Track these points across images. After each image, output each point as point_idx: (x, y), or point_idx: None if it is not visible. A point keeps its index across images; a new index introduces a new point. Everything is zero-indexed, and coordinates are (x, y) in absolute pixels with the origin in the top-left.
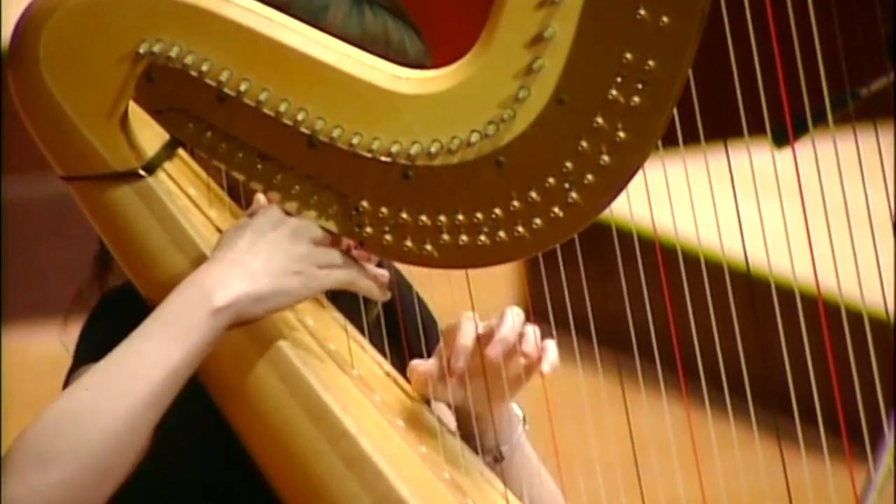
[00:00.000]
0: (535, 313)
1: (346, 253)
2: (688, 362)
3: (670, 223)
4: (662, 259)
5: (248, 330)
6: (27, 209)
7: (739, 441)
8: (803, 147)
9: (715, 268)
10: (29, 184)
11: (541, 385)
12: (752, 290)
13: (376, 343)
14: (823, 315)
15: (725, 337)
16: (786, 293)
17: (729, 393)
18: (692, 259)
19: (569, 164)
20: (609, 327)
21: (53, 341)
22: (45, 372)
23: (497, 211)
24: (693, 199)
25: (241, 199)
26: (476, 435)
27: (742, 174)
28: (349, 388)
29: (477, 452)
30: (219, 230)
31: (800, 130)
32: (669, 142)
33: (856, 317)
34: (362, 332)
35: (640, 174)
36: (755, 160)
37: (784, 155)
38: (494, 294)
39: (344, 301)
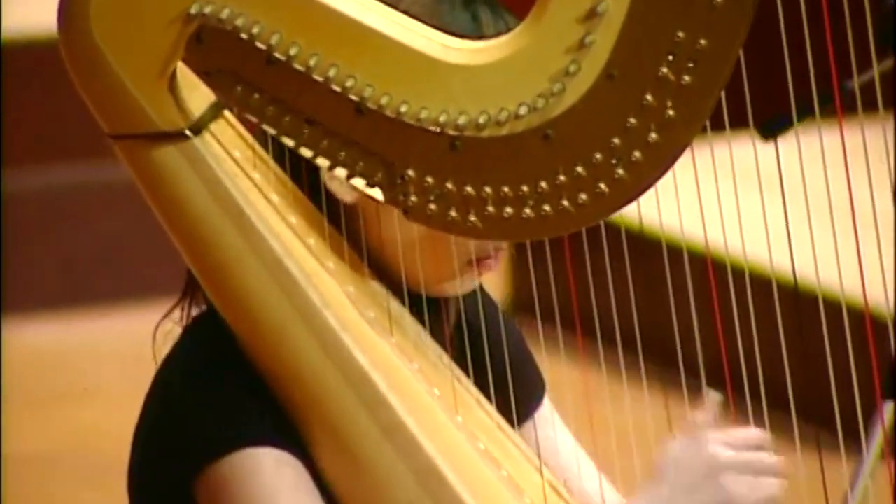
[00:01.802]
0: (518, 305)
1: None
2: (668, 354)
3: (655, 216)
4: (647, 252)
5: (290, 297)
6: (27, 201)
7: None
8: (792, 140)
9: (699, 261)
10: (29, 176)
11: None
12: (749, 286)
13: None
14: (822, 308)
15: (706, 327)
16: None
17: (712, 384)
18: (676, 251)
19: (616, 140)
20: (594, 320)
21: (53, 333)
22: (45, 364)
23: (543, 184)
24: (678, 191)
25: (285, 162)
26: None
27: (729, 166)
28: (386, 355)
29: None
30: (262, 193)
31: (786, 124)
32: None
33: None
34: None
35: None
36: (742, 152)
37: (772, 148)
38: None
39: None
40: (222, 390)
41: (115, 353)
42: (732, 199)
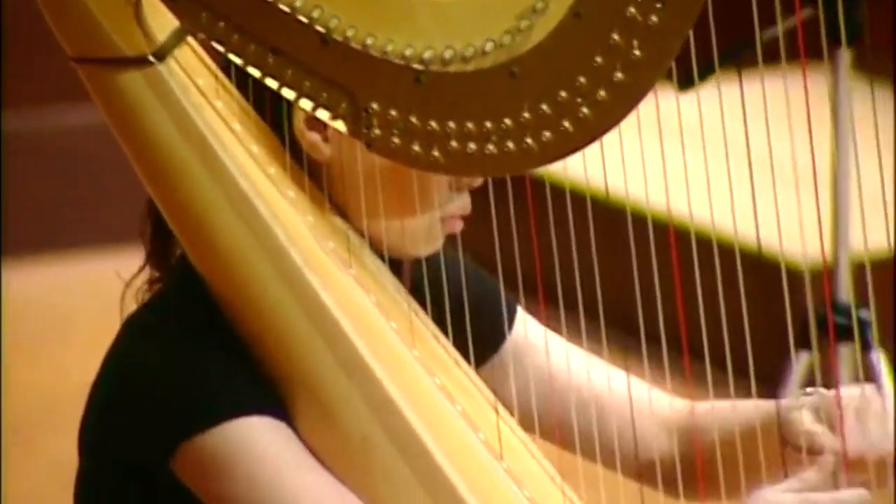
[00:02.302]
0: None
1: None
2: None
3: (580, 168)
4: (573, 206)
5: (251, 227)
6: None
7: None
8: (712, 91)
9: (618, 213)
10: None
11: None
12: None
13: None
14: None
15: (624, 279)
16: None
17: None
18: (601, 205)
19: (582, 79)
20: (533, 275)
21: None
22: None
23: (507, 121)
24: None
25: (248, 91)
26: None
27: (649, 118)
28: (344, 286)
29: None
30: (226, 122)
31: (706, 74)
32: None
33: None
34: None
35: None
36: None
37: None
38: None
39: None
40: (202, 355)
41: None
42: (655, 151)
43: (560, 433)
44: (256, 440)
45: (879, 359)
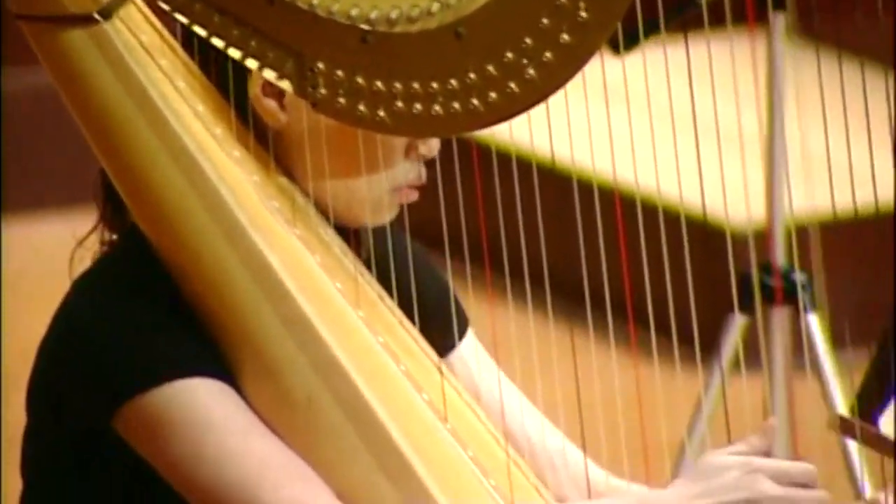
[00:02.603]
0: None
1: None
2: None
3: (526, 134)
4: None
5: (195, 185)
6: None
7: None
8: (651, 54)
9: (564, 180)
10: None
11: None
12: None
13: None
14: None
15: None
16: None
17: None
18: (546, 172)
19: (528, 40)
20: (479, 243)
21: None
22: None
23: (453, 82)
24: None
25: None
26: None
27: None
28: (289, 245)
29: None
30: (171, 81)
31: (650, 33)
32: None
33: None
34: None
35: None
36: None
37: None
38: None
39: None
40: (144, 316)
41: None
42: (593, 115)
43: None
44: (200, 403)
45: (816, 322)
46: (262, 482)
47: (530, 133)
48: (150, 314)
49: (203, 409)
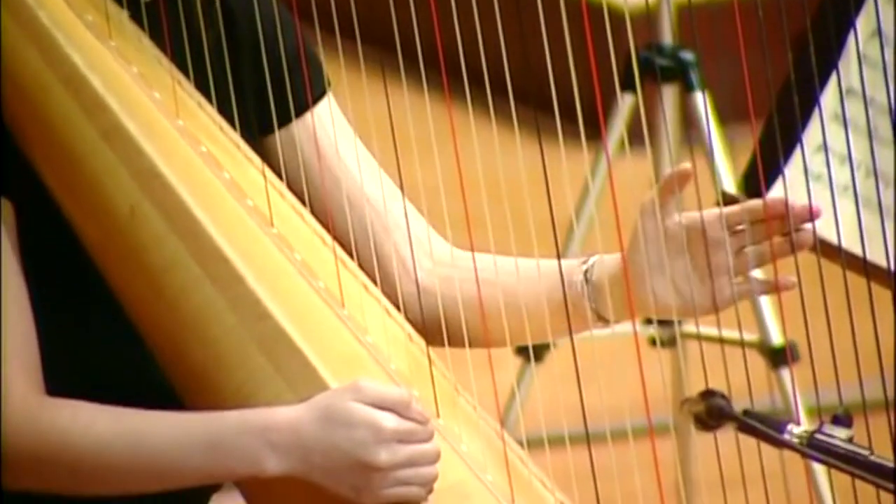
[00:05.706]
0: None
1: None
2: (451, 62)
3: None
4: None
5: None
6: None
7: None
8: None
9: None
10: None
11: None
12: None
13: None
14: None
15: (490, 36)
16: None
17: (491, 91)
18: None
19: None
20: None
21: None
22: None
23: None
24: None
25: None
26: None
27: None
28: (107, 60)
29: None
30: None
31: None
32: None
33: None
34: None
35: None
36: None
37: None
38: None
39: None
40: None
41: None
42: None
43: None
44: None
45: (705, 99)
46: None
47: None
48: None
49: None
